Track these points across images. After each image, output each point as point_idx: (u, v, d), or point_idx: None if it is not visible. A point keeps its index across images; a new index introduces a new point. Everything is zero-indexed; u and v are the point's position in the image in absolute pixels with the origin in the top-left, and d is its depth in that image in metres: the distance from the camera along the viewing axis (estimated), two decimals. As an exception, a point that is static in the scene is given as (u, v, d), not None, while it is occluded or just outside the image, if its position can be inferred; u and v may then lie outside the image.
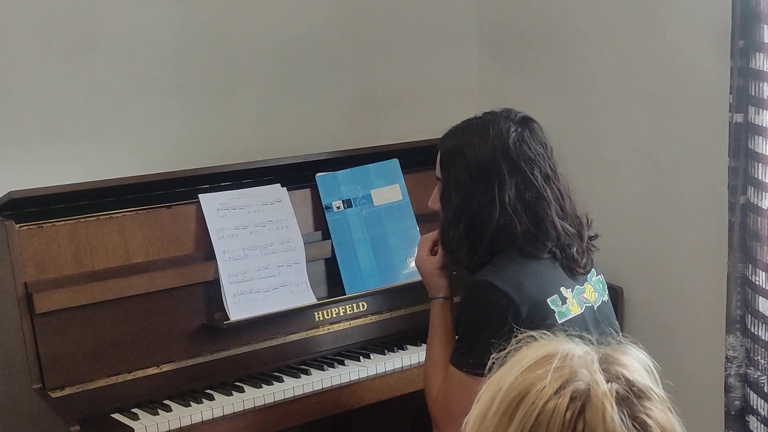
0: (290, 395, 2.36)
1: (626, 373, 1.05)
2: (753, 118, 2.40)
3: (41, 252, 2.29)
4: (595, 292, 2.11)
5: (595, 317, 2.08)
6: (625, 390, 1.03)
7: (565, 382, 1.03)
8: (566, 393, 1.02)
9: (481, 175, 2.01)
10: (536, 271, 2.01)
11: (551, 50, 3.12)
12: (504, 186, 2.00)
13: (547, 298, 1.98)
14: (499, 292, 1.93)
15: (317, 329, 2.60)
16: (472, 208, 2.01)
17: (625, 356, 1.08)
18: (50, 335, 2.26)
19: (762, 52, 2.36)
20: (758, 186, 2.42)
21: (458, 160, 2.04)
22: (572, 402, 1.01)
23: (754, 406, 2.49)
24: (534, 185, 2.02)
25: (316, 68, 3.08)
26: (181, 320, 2.42)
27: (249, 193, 2.59)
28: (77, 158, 2.70)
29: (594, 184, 3.01)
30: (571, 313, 2.01)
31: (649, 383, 1.05)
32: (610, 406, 1.00)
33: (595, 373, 1.04)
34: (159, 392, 2.35)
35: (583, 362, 1.05)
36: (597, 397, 1.01)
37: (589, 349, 1.08)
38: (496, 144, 2.02)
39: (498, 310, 1.93)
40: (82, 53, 2.69)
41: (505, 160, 2.01)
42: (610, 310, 2.17)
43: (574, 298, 2.04)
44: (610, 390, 1.02)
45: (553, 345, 1.08)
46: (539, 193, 2.02)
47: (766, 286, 2.44)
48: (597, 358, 1.06)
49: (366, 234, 2.72)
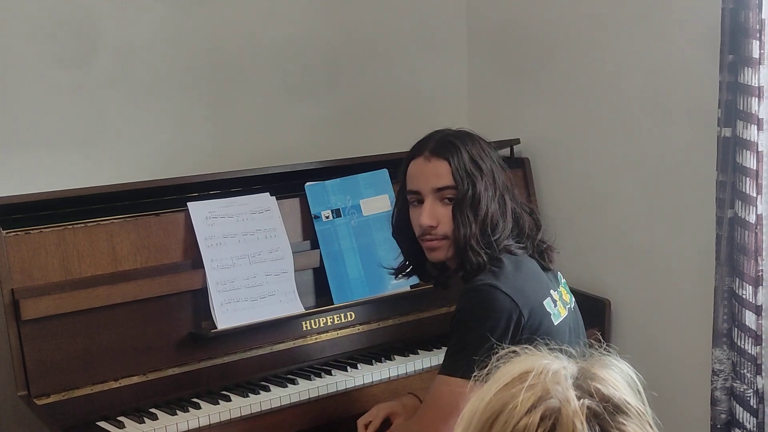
0: (277, 405, 2.35)
1: (602, 389, 1.04)
2: (741, 133, 2.42)
3: (28, 258, 2.28)
4: (567, 294, 2.16)
5: (573, 318, 2.13)
6: (599, 406, 1.02)
7: (537, 401, 1.03)
8: (537, 411, 1.01)
9: (491, 180, 2.08)
10: (530, 272, 2.05)
11: (540, 61, 3.13)
12: (503, 186, 2.09)
13: (543, 300, 2.02)
14: (504, 296, 1.95)
15: (305, 339, 2.60)
16: (495, 212, 2.06)
17: (603, 370, 1.08)
18: (36, 342, 2.25)
19: (750, 67, 2.37)
20: (745, 200, 2.43)
21: (474, 169, 2.07)
22: (542, 421, 1.01)
23: (740, 419, 2.50)
24: (509, 186, 2.14)
25: (306, 78, 3.08)
26: (168, 328, 2.42)
27: (238, 202, 2.58)
28: (69, 165, 2.69)
29: (582, 197, 3.02)
30: (561, 315, 2.05)
31: (627, 397, 1.05)
32: (580, 424, 1.00)
33: (568, 390, 1.03)
34: (145, 400, 2.34)
35: (557, 378, 1.05)
36: (567, 415, 1.01)
37: (567, 363, 1.08)
38: (488, 150, 2.12)
39: (504, 314, 1.94)
40: (75, 62, 2.69)
41: (497, 164, 2.12)
42: (579, 313, 2.20)
43: (559, 300, 2.08)
44: (581, 407, 1.01)
45: (530, 361, 1.08)
46: (513, 190, 2.15)
47: (753, 300, 2.45)
48: (572, 374, 1.06)
49: (354, 244, 2.72)
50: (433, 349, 2.63)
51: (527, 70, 3.17)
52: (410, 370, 2.55)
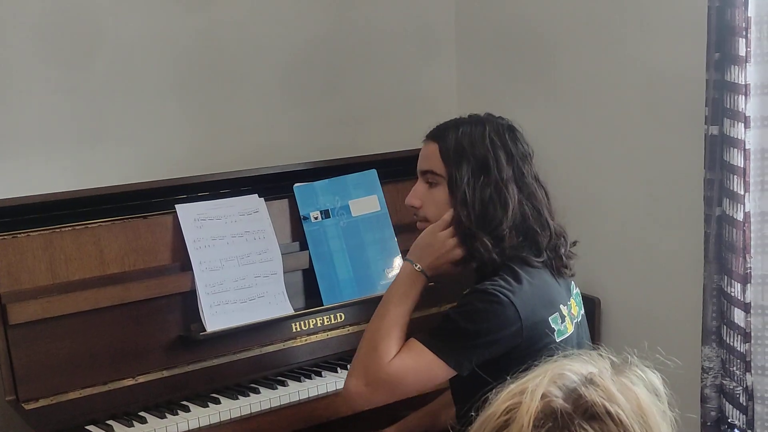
0: (267, 407, 2.35)
1: (594, 397, 1.05)
2: (728, 131, 2.42)
3: (15, 262, 2.27)
4: (576, 306, 2.13)
5: (578, 332, 2.10)
6: (566, 407, 1.03)
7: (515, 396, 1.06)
8: (506, 408, 1.04)
9: (482, 167, 2.02)
10: (543, 286, 2.01)
11: (529, 61, 3.13)
12: (504, 177, 2.02)
13: (549, 316, 1.99)
14: (511, 307, 1.92)
15: (294, 340, 2.59)
16: (484, 200, 2.01)
17: (619, 377, 1.08)
18: (24, 346, 2.24)
19: (737, 65, 2.38)
20: (733, 198, 2.43)
21: (460, 154, 2.04)
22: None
23: (730, 417, 2.50)
24: (527, 180, 2.05)
25: (296, 80, 3.07)
26: (157, 331, 2.41)
27: (226, 204, 2.58)
28: (63, 166, 2.67)
29: (571, 195, 3.02)
30: (567, 331, 2.03)
31: (620, 410, 1.04)
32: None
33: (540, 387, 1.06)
34: (134, 404, 2.33)
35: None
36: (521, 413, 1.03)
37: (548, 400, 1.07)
38: (493, 138, 2.05)
39: (504, 324, 1.92)
40: (69, 62, 2.67)
41: (504, 153, 2.04)
42: (586, 325, 2.18)
43: (567, 315, 2.05)
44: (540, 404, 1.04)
45: (510, 397, 1.08)
46: (533, 190, 2.05)
47: (741, 298, 2.45)
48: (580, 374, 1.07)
49: (344, 245, 2.71)
50: (423, 350, 2.63)
51: (516, 73, 3.17)
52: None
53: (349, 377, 2.02)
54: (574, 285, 2.15)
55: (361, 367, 2.00)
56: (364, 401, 2.03)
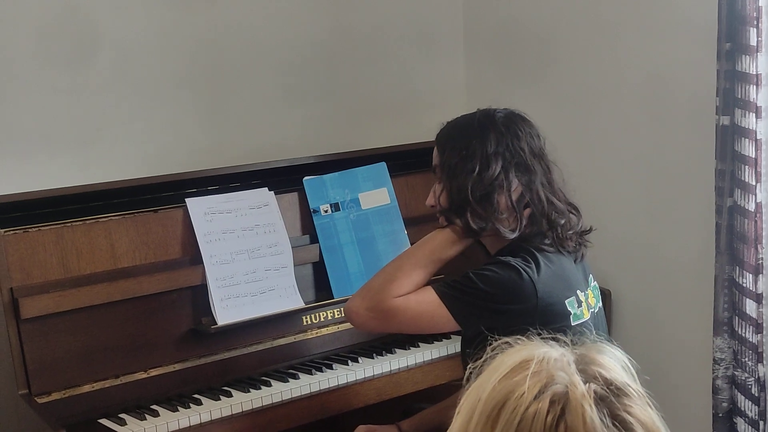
0: (278, 399, 2.35)
1: (604, 373, 1.05)
2: (739, 121, 2.41)
3: (27, 257, 2.28)
4: (594, 298, 2.15)
5: (595, 323, 2.12)
6: (604, 389, 1.03)
7: (543, 387, 1.03)
8: (545, 397, 1.01)
9: (467, 146, 2.06)
10: (562, 269, 2.05)
11: (538, 55, 3.12)
12: (488, 152, 2.05)
13: (566, 300, 2.03)
14: (530, 283, 1.96)
15: (305, 333, 2.59)
16: (467, 172, 2.04)
17: (600, 355, 1.08)
18: (36, 340, 2.25)
19: (748, 55, 2.36)
20: (745, 188, 2.42)
21: (448, 140, 2.10)
22: (552, 406, 1.01)
23: (742, 407, 2.50)
24: (521, 156, 2.06)
25: (304, 76, 3.07)
26: (168, 325, 2.41)
27: (236, 197, 2.58)
28: (68, 163, 2.68)
29: (582, 189, 3.01)
30: (583, 317, 2.06)
31: (627, 380, 1.06)
32: (589, 407, 1.00)
33: (573, 374, 1.04)
34: (146, 397, 2.34)
35: (560, 365, 1.05)
36: (576, 399, 1.01)
37: (565, 351, 1.08)
38: (482, 119, 2.09)
39: (517, 297, 1.96)
40: (73, 61, 2.68)
41: (494, 131, 2.06)
42: (603, 318, 2.21)
43: (585, 302, 2.08)
44: (588, 391, 1.02)
45: (529, 350, 1.08)
46: (526, 165, 2.07)
47: (753, 288, 2.45)
48: (573, 360, 1.06)
49: (354, 237, 2.71)
50: (434, 342, 2.63)
51: (525, 67, 3.16)
52: (411, 363, 2.55)
53: (355, 296, 2.12)
54: (593, 278, 2.18)
55: (369, 292, 2.08)
56: (359, 323, 2.13)
